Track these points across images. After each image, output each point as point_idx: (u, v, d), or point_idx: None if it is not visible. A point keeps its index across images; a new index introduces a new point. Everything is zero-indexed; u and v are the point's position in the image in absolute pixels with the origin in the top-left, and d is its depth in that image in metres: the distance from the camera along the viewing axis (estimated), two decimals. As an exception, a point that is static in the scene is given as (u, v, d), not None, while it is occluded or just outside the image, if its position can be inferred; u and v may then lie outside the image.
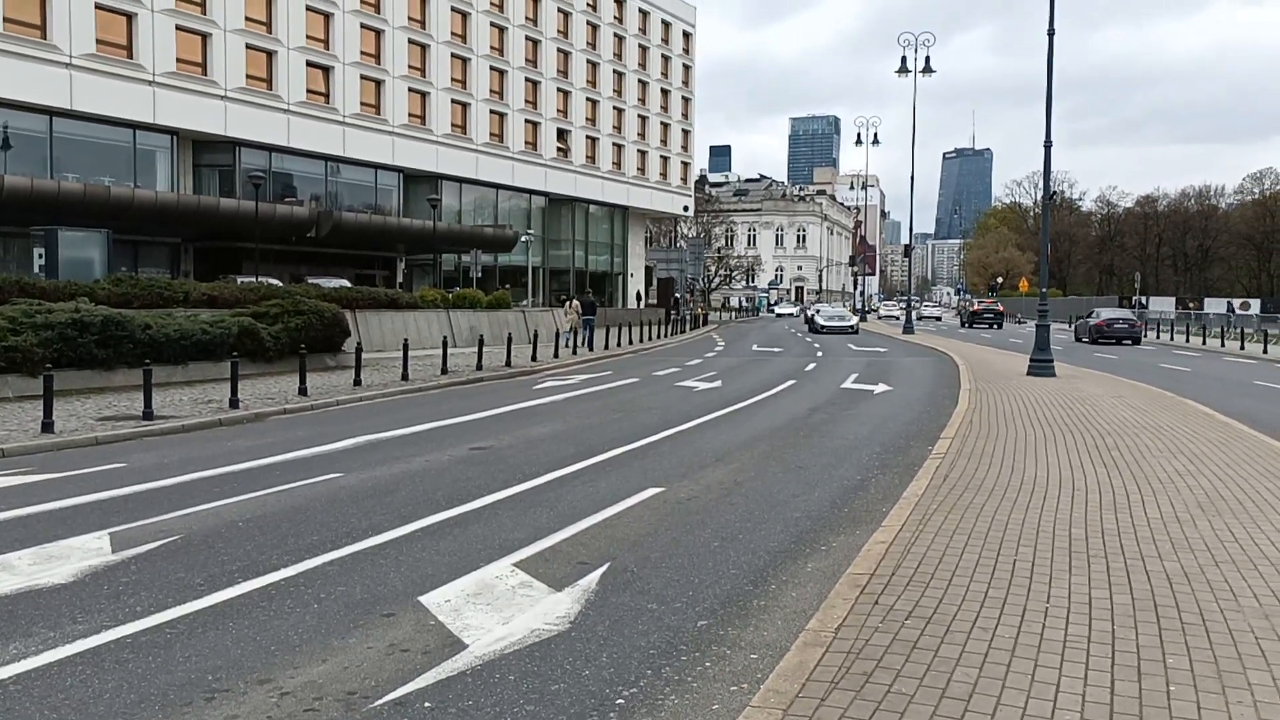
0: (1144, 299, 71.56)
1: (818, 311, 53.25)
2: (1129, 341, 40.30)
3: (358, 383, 18.72)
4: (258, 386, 17.87)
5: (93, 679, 4.66)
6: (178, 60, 36.05)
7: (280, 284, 29.49)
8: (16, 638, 5.19)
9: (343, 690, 4.52)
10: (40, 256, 25.44)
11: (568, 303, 35.66)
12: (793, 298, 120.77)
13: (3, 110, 31.29)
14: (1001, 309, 65.35)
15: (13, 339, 15.46)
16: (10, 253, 30.94)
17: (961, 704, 4.06)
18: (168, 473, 9.95)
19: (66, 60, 32.45)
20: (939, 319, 78.66)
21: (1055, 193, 27.15)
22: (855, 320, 51.32)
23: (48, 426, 12.17)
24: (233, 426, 13.80)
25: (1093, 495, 8.32)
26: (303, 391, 16.86)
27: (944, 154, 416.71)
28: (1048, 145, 21.79)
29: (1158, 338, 45.60)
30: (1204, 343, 40.59)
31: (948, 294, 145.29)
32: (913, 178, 49.79)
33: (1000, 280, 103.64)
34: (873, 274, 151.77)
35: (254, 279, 29.57)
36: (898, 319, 69.81)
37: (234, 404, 14.96)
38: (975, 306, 67.71)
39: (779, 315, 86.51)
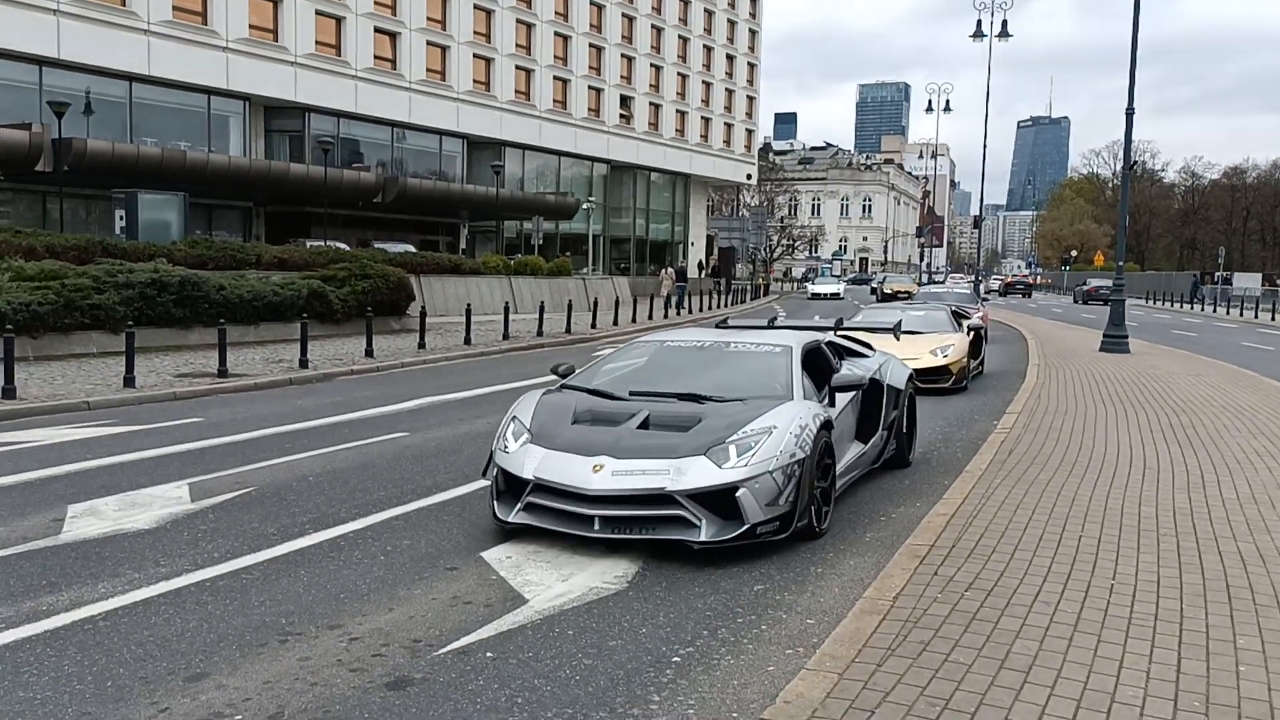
0: (1228, 275, 68.83)
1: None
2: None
3: (422, 346, 19.02)
4: (326, 347, 18.25)
5: (175, 618, 4.87)
6: (250, 27, 36.60)
7: (348, 248, 29.98)
8: (105, 578, 5.45)
9: (408, 638, 4.66)
10: (121, 218, 26.17)
11: (663, 272, 39.86)
12: (857, 268, 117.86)
13: (86, 75, 32.12)
14: (1031, 281, 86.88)
15: (97, 297, 16.01)
16: (93, 215, 31.85)
17: (1020, 675, 4.04)
18: (241, 428, 10.26)
19: (145, 26, 33.15)
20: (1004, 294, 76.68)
21: (1136, 163, 26.18)
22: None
23: (129, 381, 12.61)
24: (302, 385, 14.15)
25: (1165, 474, 8.13)
26: (369, 353, 17.20)
27: (1019, 122, 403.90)
28: (1129, 112, 21.03)
29: (1240, 315, 44.11)
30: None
31: (1018, 267, 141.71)
32: (985, 146, 48.44)
33: (1074, 254, 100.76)
34: (940, 246, 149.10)
35: (322, 243, 30.09)
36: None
37: (303, 364, 15.33)
38: (1009, 279, 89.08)
39: (813, 295, 56.94)
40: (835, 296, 54.93)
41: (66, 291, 15.63)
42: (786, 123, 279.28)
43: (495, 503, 6.43)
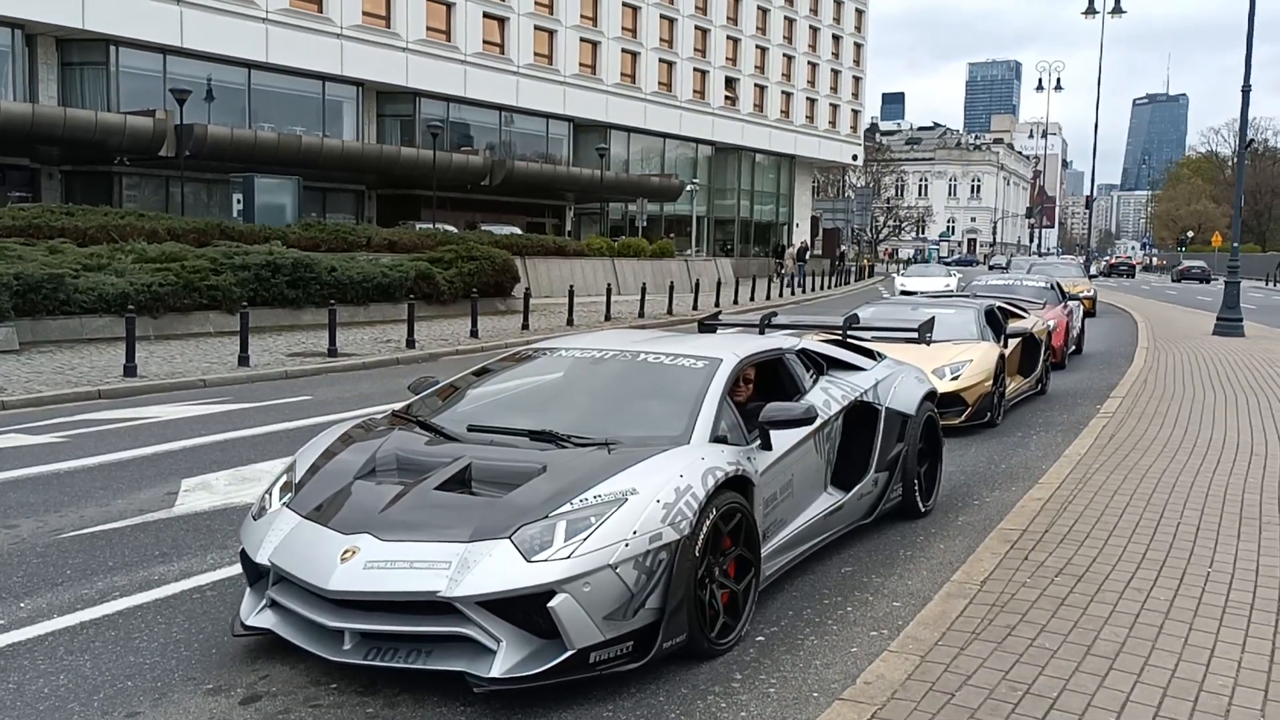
0: None
1: None
2: (1203, 282, 54.59)
3: (525, 326, 19.40)
4: (432, 328, 18.78)
5: (281, 581, 5.13)
6: (363, 13, 37.66)
7: (455, 230, 30.69)
8: (214, 549, 5.75)
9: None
10: (238, 201, 27.32)
11: (785, 252, 44.79)
12: (964, 250, 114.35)
13: (207, 63, 33.59)
14: (1135, 262, 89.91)
15: (214, 279, 16.79)
16: (213, 198, 33.36)
17: (1107, 661, 3.98)
18: (347, 406, 10.68)
19: (263, 15, 34.44)
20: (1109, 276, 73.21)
21: (1254, 141, 25.21)
22: None
23: (243, 360, 13.22)
24: (409, 365, 14.61)
25: (1274, 461, 7.79)
26: (474, 334, 17.64)
27: (1134, 100, 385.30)
28: (1245, 90, 20.29)
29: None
30: None
31: (1132, 248, 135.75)
32: (1096, 124, 46.36)
33: (1191, 234, 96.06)
34: (1051, 226, 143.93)
35: (431, 225, 30.87)
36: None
37: (410, 344, 15.83)
38: (1112, 260, 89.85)
39: (903, 292, 30.11)
40: (944, 295, 26.03)
41: (186, 273, 16.43)
42: (894, 103, 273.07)
43: (248, 590, 4.38)
